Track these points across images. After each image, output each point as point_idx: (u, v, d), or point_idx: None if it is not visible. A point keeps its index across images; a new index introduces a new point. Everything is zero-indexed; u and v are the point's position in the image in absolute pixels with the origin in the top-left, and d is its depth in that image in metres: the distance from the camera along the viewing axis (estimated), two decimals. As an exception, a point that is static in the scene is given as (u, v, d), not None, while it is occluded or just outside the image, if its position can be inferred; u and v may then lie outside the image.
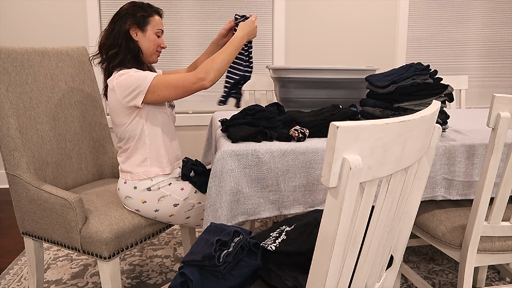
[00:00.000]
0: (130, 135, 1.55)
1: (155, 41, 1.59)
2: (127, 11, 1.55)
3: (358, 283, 0.84)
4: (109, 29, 1.57)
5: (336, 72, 1.91)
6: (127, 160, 1.59)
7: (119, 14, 1.56)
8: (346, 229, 0.68)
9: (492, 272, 2.06)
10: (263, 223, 2.64)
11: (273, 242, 1.07)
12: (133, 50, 1.56)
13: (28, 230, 1.65)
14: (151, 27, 1.57)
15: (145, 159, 1.56)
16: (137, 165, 1.57)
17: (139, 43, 1.57)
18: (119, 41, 1.54)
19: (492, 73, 3.87)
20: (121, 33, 1.54)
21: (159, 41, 1.60)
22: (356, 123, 0.63)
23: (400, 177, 0.81)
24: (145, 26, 1.56)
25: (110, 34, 1.55)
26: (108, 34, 1.56)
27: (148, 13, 1.56)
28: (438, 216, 1.53)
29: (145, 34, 1.56)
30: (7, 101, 1.57)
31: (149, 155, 1.57)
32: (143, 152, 1.56)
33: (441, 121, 1.55)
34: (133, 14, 1.54)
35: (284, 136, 1.49)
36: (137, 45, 1.56)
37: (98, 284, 1.95)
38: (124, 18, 1.54)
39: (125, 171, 1.59)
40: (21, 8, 3.17)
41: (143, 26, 1.56)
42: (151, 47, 1.58)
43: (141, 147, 1.56)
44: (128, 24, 1.53)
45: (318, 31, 3.51)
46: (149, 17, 1.56)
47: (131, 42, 1.55)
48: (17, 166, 1.58)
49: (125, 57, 1.54)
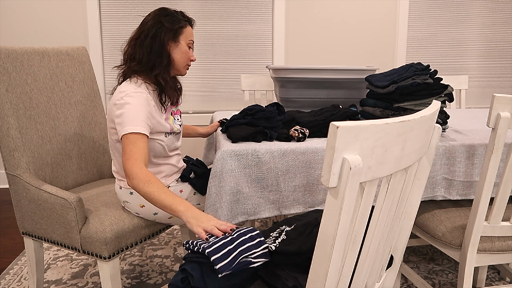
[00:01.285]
0: (119, 150, 1.50)
1: (187, 53, 1.48)
2: (160, 20, 1.42)
3: (358, 283, 0.84)
4: (140, 38, 1.44)
5: (336, 72, 1.91)
6: (121, 170, 1.55)
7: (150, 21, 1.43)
8: (346, 229, 0.68)
9: (492, 272, 2.06)
10: (263, 223, 2.64)
11: (273, 242, 1.07)
12: (165, 63, 1.44)
13: (28, 230, 1.65)
14: (183, 38, 1.46)
15: None
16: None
17: (172, 55, 1.46)
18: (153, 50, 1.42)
19: (492, 73, 3.87)
20: (156, 42, 1.42)
21: (190, 53, 1.50)
22: (356, 123, 0.63)
23: (400, 177, 0.81)
24: (179, 37, 1.45)
25: (142, 43, 1.43)
26: (140, 43, 1.44)
27: (183, 24, 1.46)
28: (438, 216, 1.53)
29: (178, 45, 1.45)
30: (7, 101, 1.57)
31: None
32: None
33: (441, 121, 1.55)
34: (168, 22, 1.43)
35: (284, 136, 1.49)
36: (170, 58, 1.45)
37: (98, 284, 1.95)
38: (158, 28, 1.42)
39: (119, 179, 1.57)
40: (21, 8, 3.17)
41: (177, 37, 1.45)
42: (183, 60, 1.48)
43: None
44: (163, 35, 1.41)
45: (318, 31, 3.51)
46: (184, 28, 1.46)
47: (164, 54, 1.43)
48: (17, 166, 1.58)
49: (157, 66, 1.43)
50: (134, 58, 1.45)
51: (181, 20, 1.45)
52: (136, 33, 1.47)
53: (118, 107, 1.38)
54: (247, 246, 1.01)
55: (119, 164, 1.54)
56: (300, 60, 3.54)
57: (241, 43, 3.45)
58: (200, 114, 3.48)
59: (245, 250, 1.00)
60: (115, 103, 1.40)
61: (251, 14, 3.42)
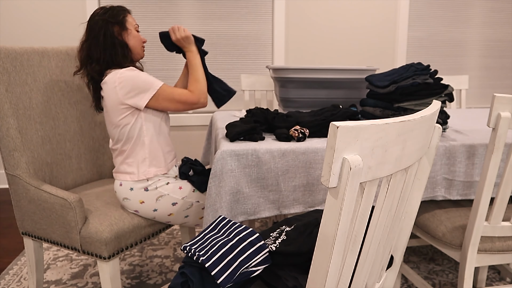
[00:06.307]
0: (129, 136, 1.55)
1: (138, 36, 1.63)
2: (104, 16, 1.56)
3: (358, 283, 0.84)
4: (90, 40, 1.56)
5: (336, 72, 1.90)
6: (124, 161, 1.58)
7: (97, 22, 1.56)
8: (346, 229, 0.68)
9: (493, 272, 2.06)
10: (263, 223, 2.63)
11: (273, 242, 1.07)
12: (123, 49, 1.58)
13: (28, 230, 1.64)
14: (130, 25, 1.61)
15: (144, 160, 1.56)
16: (136, 165, 1.56)
17: (127, 42, 1.60)
18: (108, 45, 1.54)
19: (492, 73, 3.86)
20: (108, 38, 1.54)
21: (140, 36, 1.65)
22: (356, 123, 0.63)
23: (400, 177, 0.80)
24: (126, 25, 1.60)
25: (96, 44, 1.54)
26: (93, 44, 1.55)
27: (124, 14, 1.61)
28: (439, 216, 1.53)
29: (128, 32, 1.60)
30: (6, 101, 1.56)
31: (148, 155, 1.57)
32: (142, 152, 1.56)
33: (441, 121, 1.55)
34: (112, 17, 1.57)
35: (284, 136, 1.49)
36: (126, 45, 1.59)
37: (98, 284, 1.95)
38: (104, 24, 1.55)
39: (122, 172, 1.59)
40: (21, 8, 3.16)
41: (125, 26, 1.59)
42: (137, 43, 1.63)
43: (140, 147, 1.56)
44: (111, 27, 1.55)
45: (318, 31, 3.51)
46: (126, 17, 1.61)
47: (119, 43, 1.57)
48: (16, 166, 1.58)
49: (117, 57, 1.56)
50: (91, 59, 1.55)
51: (121, 11, 1.60)
52: (85, 36, 1.58)
53: (132, 76, 1.49)
54: (247, 255, 1.01)
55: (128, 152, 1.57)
56: (300, 60, 3.54)
57: (241, 43, 3.44)
58: (200, 114, 3.48)
59: (245, 260, 1.00)
60: (115, 86, 1.49)
61: (251, 14, 3.42)
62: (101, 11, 1.58)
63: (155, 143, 1.58)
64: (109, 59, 1.55)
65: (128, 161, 1.57)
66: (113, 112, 1.52)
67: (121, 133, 1.55)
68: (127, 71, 1.50)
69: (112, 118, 1.54)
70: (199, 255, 1.00)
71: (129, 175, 1.57)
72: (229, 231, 1.08)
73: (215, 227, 1.13)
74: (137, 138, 1.55)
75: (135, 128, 1.54)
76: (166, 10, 3.31)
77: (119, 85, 1.48)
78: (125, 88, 1.48)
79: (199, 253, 1.01)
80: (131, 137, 1.55)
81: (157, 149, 1.58)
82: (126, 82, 1.48)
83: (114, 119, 1.53)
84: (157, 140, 1.59)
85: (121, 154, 1.59)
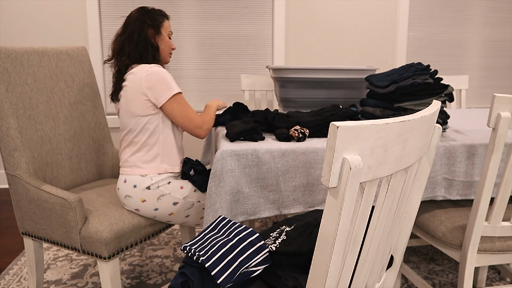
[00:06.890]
0: (144, 127, 1.57)
1: (169, 42, 1.71)
2: (142, 17, 1.64)
3: (358, 283, 0.84)
4: (126, 35, 1.63)
5: (336, 72, 1.91)
6: (135, 153, 1.59)
7: (135, 21, 1.63)
8: (346, 229, 0.68)
9: (493, 273, 2.06)
10: (263, 223, 2.63)
11: (273, 242, 1.07)
12: (153, 51, 1.66)
13: (28, 230, 1.64)
14: (164, 30, 1.68)
15: (157, 155, 1.58)
16: (147, 160, 1.57)
17: (158, 46, 1.67)
18: (141, 44, 1.62)
19: (492, 73, 3.86)
20: (141, 38, 1.62)
21: (171, 43, 1.72)
22: (356, 123, 0.63)
23: (400, 177, 0.80)
24: (160, 30, 1.67)
25: (129, 40, 1.62)
26: (127, 39, 1.62)
27: (162, 19, 1.69)
28: (438, 216, 1.53)
29: (161, 37, 1.68)
30: (6, 101, 1.56)
31: (162, 152, 1.59)
32: (155, 148, 1.58)
33: (441, 121, 1.55)
34: (150, 19, 1.65)
35: (284, 136, 1.49)
36: (156, 47, 1.66)
37: (98, 284, 1.95)
38: (141, 24, 1.63)
39: (130, 166, 1.59)
40: (21, 8, 3.16)
41: (159, 30, 1.67)
42: (166, 48, 1.70)
43: (154, 143, 1.58)
44: (147, 28, 1.63)
45: (318, 31, 3.51)
46: (163, 22, 1.69)
47: (151, 45, 1.65)
48: (16, 166, 1.58)
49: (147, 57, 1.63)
50: (123, 52, 1.63)
51: (160, 16, 1.68)
52: (121, 30, 1.66)
53: (160, 73, 1.55)
54: (247, 255, 1.01)
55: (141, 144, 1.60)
56: (300, 60, 3.54)
57: (241, 43, 3.44)
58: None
59: (245, 260, 1.00)
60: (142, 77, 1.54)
61: (251, 14, 3.42)
62: (142, 11, 1.66)
63: (170, 141, 1.61)
64: (138, 57, 1.62)
65: (139, 154, 1.59)
66: (133, 101, 1.55)
67: (138, 123, 1.57)
68: (157, 67, 1.56)
69: (131, 107, 1.56)
70: (199, 255, 1.00)
71: (137, 169, 1.57)
72: (229, 231, 1.08)
73: (215, 227, 1.13)
74: (153, 132, 1.57)
75: (152, 122, 1.57)
76: (166, 10, 3.31)
77: (146, 77, 1.53)
78: (150, 82, 1.52)
79: (199, 253, 1.01)
80: (146, 129, 1.57)
81: (172, 148, 1.61)
82: (153, 75, 1.53)
83: (133, 107, 1.55)
84: (172, 140, 1.62)
85: (131, 145, 1.60)
